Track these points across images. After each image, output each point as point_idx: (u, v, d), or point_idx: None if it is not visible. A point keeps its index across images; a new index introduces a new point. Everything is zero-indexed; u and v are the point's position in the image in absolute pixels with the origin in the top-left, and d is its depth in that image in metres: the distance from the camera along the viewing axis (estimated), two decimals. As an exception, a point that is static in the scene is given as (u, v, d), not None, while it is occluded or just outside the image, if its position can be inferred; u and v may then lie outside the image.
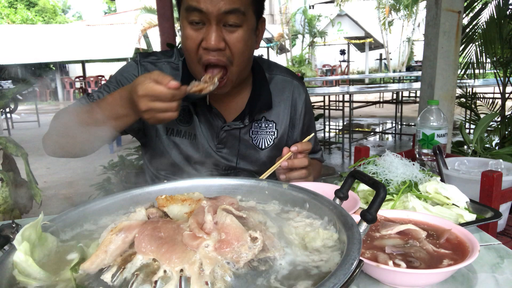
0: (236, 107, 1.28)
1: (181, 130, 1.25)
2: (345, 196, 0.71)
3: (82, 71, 19.09)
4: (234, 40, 1.08)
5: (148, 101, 0.94)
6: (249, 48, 1.13)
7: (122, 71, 1.25)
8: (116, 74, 1.26)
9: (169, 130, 1.25)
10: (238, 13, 1.05)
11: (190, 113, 1.25)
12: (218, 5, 1.03)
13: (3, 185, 1.86)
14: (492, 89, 6.38)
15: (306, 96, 1.39)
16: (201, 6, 1.03)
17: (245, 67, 1.18)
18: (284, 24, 22.50)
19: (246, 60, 1.15)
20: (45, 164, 6.30)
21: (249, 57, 1.17)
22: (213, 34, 1.05)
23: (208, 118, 1.25)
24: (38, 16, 30.83)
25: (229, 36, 1.08)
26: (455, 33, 2.52)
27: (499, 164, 1.33)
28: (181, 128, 1.25)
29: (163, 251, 0.52)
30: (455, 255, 0.71)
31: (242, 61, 1.13)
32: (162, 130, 1.25)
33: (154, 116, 0.97)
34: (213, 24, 1.05)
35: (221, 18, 1.05)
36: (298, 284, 0.50)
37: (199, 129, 1.25)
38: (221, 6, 1.03)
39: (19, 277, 0.53)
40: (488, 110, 4.33)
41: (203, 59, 1.08)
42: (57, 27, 21.30)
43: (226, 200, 0.67)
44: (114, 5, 29.96)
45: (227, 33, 1.07)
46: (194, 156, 1.27)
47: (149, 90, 0.93)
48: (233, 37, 1.08)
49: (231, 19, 1.05)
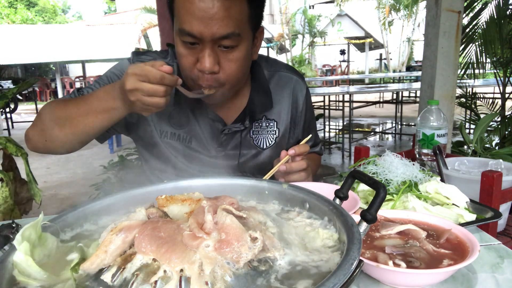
0: (235, 109, 1.25)
1: (175, 133, 1.23)
2: (345, 196, 0.71)
3: (82, 71, 19.09)
4: (229, 63, 1.05)
5: (135, 80, 0.91)
6: (244, 66, 1.11)
7: (114, 69, 1.23)
8: (108, 71, 1.23)
9: (163, 132, 1.22)
10: (234, 36, 1.01)
11: (186, 116, 1.22)
12: (212, 30, 0.98)
13: (3, 185, 1.86)
14: (492, 89, 6.38)
15: (307, 92, 1.37)
16: (194, 31, 0.99)
17: (239, 84, 1.16)
18: (284, 24, 22.49)
19: (240, 78, 1.13)
20: (45, 164, 6.31)
21: (244, 73, 1.14)
22: (208, 58, 1.01)
23: (207, 122, 1.23)
24: (38, 16, 30.83)
25: (224, 58, 1.04)
26: (455, 33, 2.52)
27: (499, 164, 1.33)
28: (175, 131, 1.22)
29: (163, 251, 0.52)
30: (455, 255, 0.71)
31: (236, 81, 1.11)
32: (156, 132, 1.22)
33: (140, 99, 0.93)
34: (207, 48, 1.01)
35: (216, 41, 1.01)
36: (298, 284, 0.50)
37: (197, 132, 1.23)
38: (215, 32, 0.98)
39: (19, 277, 0.53)
40: (488, 110, 4.33)
41: (198, 81, 1.06)
42: (57, 27, 21.28)
43: (226, 200, 0.67)
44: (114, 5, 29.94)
45: (222, 54, 1.04)
46: (191, 158, 1.24)
47: (139, 69, 0.91)
48: (228, 60, 1.05)
49: (227, 42, 1.02)
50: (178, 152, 1.24)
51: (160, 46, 3.96)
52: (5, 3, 28.82)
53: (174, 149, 1.24)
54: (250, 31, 1.08)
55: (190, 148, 1.24)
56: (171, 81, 0.94)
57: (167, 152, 1.24)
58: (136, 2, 18.48)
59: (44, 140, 1.09)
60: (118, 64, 1.24)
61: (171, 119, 1.22)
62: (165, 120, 1.22)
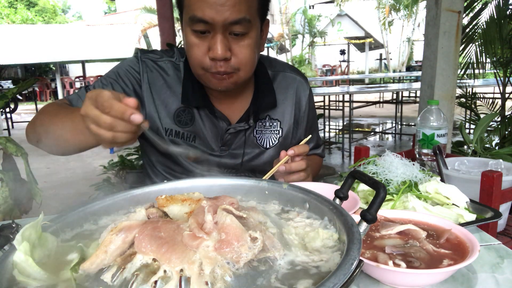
0: (240, 108, 1.26)
1: (179, 132, 1.23)
2: (345, 196, 0.71)
3: (82, 71, 19.10)
4: (241, 49, 1.06)
5: (90, 104, 0.77)
6: (255, 53, 1.12)
7: (122, 65, 1.23)
8: (115, 67, 1.23)
9: (168, 130, 1.23)
10: (245, 22, 1.03)
11: (190, 115, 1.23)
12: (224, 15, 1.00)
13: (3, 185, 1.86)
14: (492, 89, 6.37)
15: (310, 93, 1.38)
16: (206, 17, 1.00)
17: (251, 72, 1.17)
18: (284, 24, 22.50)
19: (253, 65, 1.14)
20: (45, 164, 6.30)
21: (255, 62, 1.16)
22: (220, 44, 1.02)
23: (212, 121, 1.23)
24: (38, 16, 30.82)
25: (236, 44, 1.06)
26: (455, 33, 2.52)
27: (499, 164, 1.33)
28: (179, 130, 1.23)
29: (163, 251, 0.52)
30: (455, 255, 0.71)
31: (249, 67, 1.12)
32: (162, 130, 1.23)
33: (88, 126, 0.78)
34: (219, 34, 1.03)
35: (227, 28, 1.03)
36: (298, 284, 0.50)
37: (202, 131, 1.24)
38: (227, 17, 1.00)
39: (19, 277, 0.53)
40: (488, 110, 4.33)
41: (211, 69, 1.07)
42: (57, 27, 21.29)
43: (226, 200, 0.67)
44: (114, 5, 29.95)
45: (233, 41, 1.05)
46: (194, 157, 1.25)
47: (97, 93, 0.76)
48: (240, 46, 1.06)
49: (238, 28, 1.03)
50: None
51: (160, 46, 3.96)
52: (5, 3, 28.82)
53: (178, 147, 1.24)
54: (259, 21, 1.10)
55: (193, 147, 1.25)
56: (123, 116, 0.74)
57: None
58: (136, 2, 18.50)
59: (36, 141, 1.09)
60: (126, 61, 1.24)
61: (176, 117, 1.23)
62: (171, 118, 1.23)
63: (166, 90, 1.22)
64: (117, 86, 1.18)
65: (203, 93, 1.21)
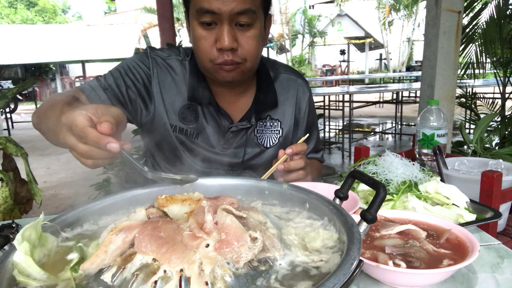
0: (242, 107, 1.28)
1: (183, 128, 1.25)
2: (345, 196, 0.71)
3: (82, 71, 19.11)
4: (247, 40, 1.09)
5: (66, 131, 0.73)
6: (260, 45, 1.15)
7: (132, 59, 1.24)
8: (124, 61, 1.24)
9: (173, 126, 1.25)
10: (250, 13, 1.06)
11: (195, 112, 1.25)
12: (230, 5, 1.03)
13: (3, 185, 1.86)
14: (492, 89, 6.37)
15: (310, 95, 1.40)
16: (213, 7, 1.04)
17: (257, 63, 1.19)
18: (284, 24, 22.49)
19: (258, 57, 1.17)
20: (45, 164, 6.30)
21: (260, 54, 1.18)
22: (227, 35, 1.06)
23: (215, 119, 1.25)
24: (38, 16, 30.84)
25: (242, 35, 1.09)
26: (455, 33, 2.52)
27: (499, 164, 1.33)
28: (183, 126, 1.25)
29: (163, 251, 0.52)
30: (455, 255, 0.71)
31: (255, 58, 1.15)
32: (168, 125, 1.25)
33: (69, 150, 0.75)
34: (226, 24, 1.06)
35: (233, 18, 1.06)
36: (298, 284, 0.50)
37: (205, 129, 1.25)
38: (233, 7, 1.04)
39: (19, 277, 0.53)
40: (488, 110, 4.32)
41: (218, 60, 1.09)
42: (57, 27, 21.32)
43: (226, 200, 0.67)
44: (114, 5, 29.95)
45: (240, 32, 1.09)
46: (197, 154, 1.27)
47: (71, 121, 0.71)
48: (246, 37, 1.09)
49: (243, 19, 1.06)
50: (185, 147, 1.27)
51: (160, 46, 3.96)
52: (5, 3, 28.83)
53: (182, 143, 1.26)
54: (263, 13, 1.13)
55: (196, 144, 1.26)
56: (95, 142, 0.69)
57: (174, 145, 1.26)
58: (136, 2, 18.51)
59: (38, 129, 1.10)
60: (137, 56, 1.26)
61: (181, 115, 1.25)
62: (176, 115, 1.25)
63: (174, 87, 1.24)
64: (127, 79, 1.20)
65: (209, 90, 1.23)
